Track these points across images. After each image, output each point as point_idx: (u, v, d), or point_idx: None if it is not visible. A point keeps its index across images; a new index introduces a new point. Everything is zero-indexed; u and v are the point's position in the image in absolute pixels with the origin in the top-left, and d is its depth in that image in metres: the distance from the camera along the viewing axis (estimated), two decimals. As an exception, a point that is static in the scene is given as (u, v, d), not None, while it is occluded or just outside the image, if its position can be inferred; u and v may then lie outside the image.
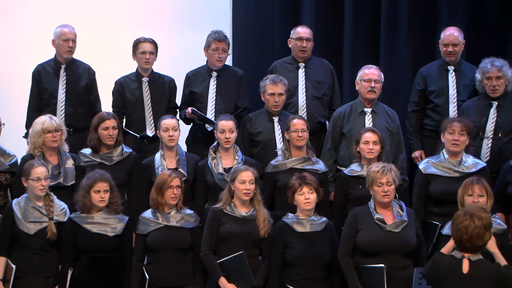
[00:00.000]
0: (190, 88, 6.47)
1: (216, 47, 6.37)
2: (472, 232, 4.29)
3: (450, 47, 6.38)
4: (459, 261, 4.32)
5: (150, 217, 5.32)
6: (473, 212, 4.34)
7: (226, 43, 6.41)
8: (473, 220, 4.30)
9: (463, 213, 4.36)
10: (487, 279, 4.30)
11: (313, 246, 5.18)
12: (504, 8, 7.16)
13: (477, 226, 4.29)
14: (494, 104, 6.08)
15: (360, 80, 6.08)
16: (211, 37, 6.38)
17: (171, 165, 5.75)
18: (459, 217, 4.35)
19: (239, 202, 5.32)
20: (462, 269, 4.31)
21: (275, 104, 6.11)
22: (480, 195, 5.11)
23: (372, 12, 7.25)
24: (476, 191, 5.11)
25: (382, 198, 5.15)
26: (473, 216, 4.32)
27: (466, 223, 4.30)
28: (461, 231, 4.31)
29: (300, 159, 5.75)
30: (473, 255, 4.33)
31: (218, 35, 6.37)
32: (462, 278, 4.29)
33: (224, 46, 6.38)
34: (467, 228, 4.29)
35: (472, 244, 4.31)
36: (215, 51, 6.37)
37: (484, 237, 4.31)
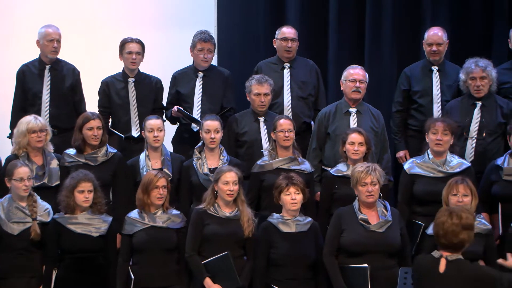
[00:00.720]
0: (176, 88, 6.46)
1: (202, 47, 6.37)
2: (447, 228, 4.28)
3: (434, 47, 6.40)
4: (437, 260, 4.32)
5: (136, 218, 5.31)
6: (454, 210, 4.34)
7: (212, 44, 6.41)
8: (451, 217, 4.30)
9: (445, 209, 4.38)
10: (463, 279, 4.28)
11: (298, 246, 5.18)
12: (488, 8, 7.20)
13: (453, 223, 4.28)
14: (478, 104, 6.11)
15: (345, 80, 6.10)
16: (197, 38, 6.38)
17: (156, 165, 5.75)
18: (440, 212, 4.37)
19: (222, 202, 5.32)
20: (439, 268, 4.30)
21: (260, 104, 6.12)
22: (465, 195, 5.13)
23: (356, 13, 7.27)
24: (461, 191, 5.13)
25: (367, 198, 5.16)
26: (453, 213, 4.32)
27: (443, 219, 4.30)
28: (438, 226, 4.32)
29: (286, 159, 5.76)
30: (451, 255, 4.32)
31: (204, 36, 6.37)
32: (438, 277, 4.29)
33: (209, 47, 6.39)
34: (444, 224, 4.29)
35: (447, 240, 4.29)
36: (201, 52, 6.38)
37: (459, 235, 4.29)
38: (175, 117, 6.34)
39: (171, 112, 6.30)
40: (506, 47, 6.61)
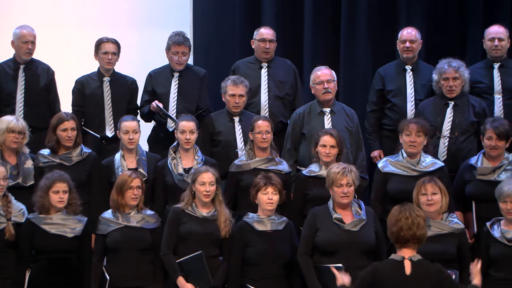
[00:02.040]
0: (152, 86, 6.45)
1: (176, 51, 6.35)
2: (412, 220, 4.28)
3: (407, 43, 6.44)
4: (400, 263, 4.31)
5: (110, 217, 5.31)
6: (410, 206, 4.37)
7: (186, 46, 6.38)
8: (411, 211, 4.31)
9: (400, 207, 4.37)
10: (429, 279, 4.30)
11: (274, 245, 5.19)
12: (462, 9, 7.24)
13: (417, 215, 4.30)
14: (450, 103, 6.15)
15: (313, 84, 6.12)
16: (171, 40, 6.35)
17: (131, 165, 5.74)
18: (396, 211, 4.35)
19: (200, 202, 5.32)
20: (405, 270, 4.29)
21: (235, 105, 6.13)
22: (434, 193, 5.16)
23: (331, 13, 7.29)
24: (429, 190, 5.16)
25: (342, 199, 5.17)
26: (410, 209, 4.34)
27: (406, 213, 4.30)
28: (400, 222, 4.29)
29: (264, 160, 5.77)
30: (414, 255, 4.33)
31: (178, 38, 6.34)
32: (405, 280, 4.28)
33: (183, 50, 6.36)
34: (408, 217, 4.29)
35: (411, 233, 4.27)
36: (175, 55, 6.36)
37: (423, 228, 4.31)
38: (149, 115, 6.33)
39: (147, 109, 6.30)
40: (480, 47, 6.65)
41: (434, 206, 5.14)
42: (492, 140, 5.60)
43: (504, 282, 5.09)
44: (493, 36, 6.39)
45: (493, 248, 5.15)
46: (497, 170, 5.61)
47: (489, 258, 5.16)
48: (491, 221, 5.24)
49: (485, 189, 5.53)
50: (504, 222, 5.18)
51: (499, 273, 5.13)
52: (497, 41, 6.38)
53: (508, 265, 5.09)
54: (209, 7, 7.44)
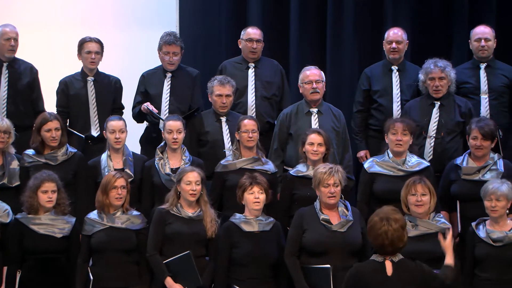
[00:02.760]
0: (145, 87, 6.44)
1: (167, 50, 6.35)
2: (392, 236, 4.30)
3: (393, 44, 6.46)
4: (382, 264, 4.33)
5: (96, 218, 5.29)
6: (388, 216, 4.35)
7: (177, 46, 6.37)
8: (390, 224, 4.32)
9: (379, 219, 4.36)
10: (411, 278, 4.32)
11: (261, 246, 5.18)
12: (448, 10, 7.27)
13: (395, 229, 4.31)
14: (436, 104, 6.16)
15: (302, 83, 6.13)
16: (162, 40, 6.36)
17: (117, 165, 5.73)
18: (376, 223, 4.36)
19: (185, 203, 5.31)
20: (386, 272, 4.32)
21: (222, 105, 6.12)
22: (423, 194, 5.17)
23: (318, 13, 7.30)
24: (419, 190, 5.17)
25: (328, 200, 5.18)
26: (389, 220, 4.33)
27: (385, 228, 4.31)
28: (381, 236, 4.31)
29: (250, 159, 5.77)
30: (394, 256, 4.35)
31: (169, 38, 6.34)
32: (387, 281, 4.30)
33: (175, 50, 6.35)
34: (387, 233, 4.30)
35: (393, 247, 4.33)
36: (166, 55, 6.36)
37: (403, 238, 4.34)
38: (141, 116, 6.33)
39: (138, 110, 6.29)
40: (466, 48, 6.69)
41: (423, 207, 5.16)
42: (477, 140, 5.62)
43: (490, 282, 5.11)
44: (480, 37, 6.43)
45: (479, 248, 5.16)
46: (482, 170, 5.63)
47: (475, 258, 5.18)
48: (477, 221, 5.26)
49: (470, 188, 5.55)
50: (489, 222, 5.21)
51: (484, 273, 5.14)
52: (483, 42, 6.41)
53: (493, 265, 5.11)
54: (195, 7, 7.43)
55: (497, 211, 5.14)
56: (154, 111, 6.18)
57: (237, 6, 7.39)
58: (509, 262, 5.10)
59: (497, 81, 6.40)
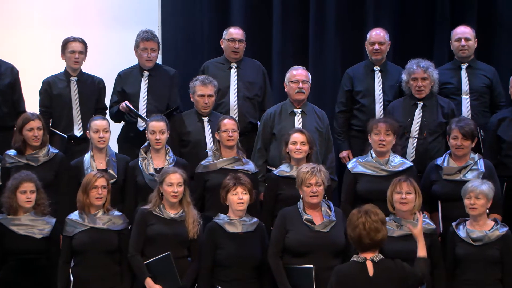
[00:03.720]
0: (122, 86, 6.42)
1: (145, 47, 6.34)
2: (370, 227, 4.34)
3: (376, 45, 6.48)
4: (363, 264, 4.35)
5: (77, 219, 5.27)
6: (367, 209, 4.41)
7: (155, 42, 6.37)
8: (369, 215, 4.37)
9: (357, 211, 4.42)
10: (392, 278, 4.35)
11: (244, 247, 5.18)
12: (429, 10, 7.30)
13: (374, 221, 4.35)
14: (419, 104, 6.18)
15: (288, 82, 6.14)
16: (139, 37, 6.35)
17: (100, 166, 5.71)
18: (354, 215, 4.41)
19: (168, 204, 5.30)
20: (368, 272, 4.34)
21: (204, 105, 6.12)
22: (408, 192, 5.19)
23: (300, 14, 7.31)
24: (404, 189, 5.19)
25: (311, 199, 5.19)
26: (368, 212, 4.38)
27: (363, 219, 4.35)
28: (358, 227, 4.35)
29: (230, 160, 5.76)
30: (375, 256, 4.37)
31: (146, 35, 6.34)
32: (369, 281, 4.32)
33: (152, 46, 6.35)
34: (364, 224, 4.34)
35: (371, 239, 4.34)
36: (144, 51, 6.35)
37: (381, 231, 4.36)
38: (119, 115, 6.30)
39: (116, 109, 6.27)
40: (447, 48, 6.73)
41: (407, 205, 5.17)
42: (457, 140, 5.65)
43: (470, 282, 5.14)
44: (460, 36, 6.46)
45: (459, 248, 5.19)
46: (463, 170, 5.66)
47: (455, 258, 5.20)
48: (457, 221, 5.28)
49: (451, 189, 5.57)
50: (469, 222, 5.23)
51: (464, 273, 5.17)
52: (463, 41, 6.45)
53: (474, 265, 5.13)
54: (177, 7, 7.41)
55: (476, 209, 5.17)
56: (134, 109, 6.17)
57: (219, 6, 7.38)
58: (489, 262, 5.13)
59: (478, 81, 6.44)
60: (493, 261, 5.13)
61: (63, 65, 6.38)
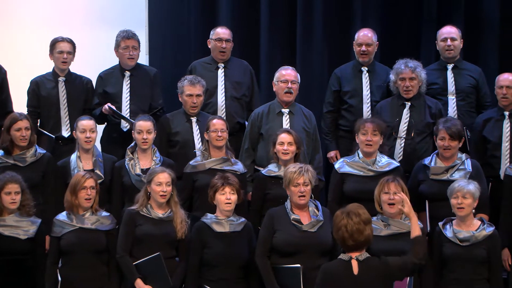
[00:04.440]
0: (103, 88, 6.41)
1: (126, 45, 6.34)
2: (351, 229, 4.35)
3: (363, 47, 6.49)
4: (348, 263, 4.37)
5: (65, 219, 5.26)
6: (350, 210, 4.41)
7: (135, 40, 6.37)
8: (351, 217, 4.37)
9: (340, 213, 4.43)
10: (377, 276, 4.36)
11: (232, 246, 5.19)
12: (416, 10, 7.31)
13: (355, 223, 4.36)
14: (407, 104, 6.19)
15: (277, 81, 6.14)
16: (120, 36, 6.36)
17: (87, 166, 5.70)
18: (337, 217, 4.42)
19: (155, 204, 5.30)
20: (353, 270, 4.36)
21: (193, 105, 6.11)
22: (396, 193, 5.20)
23: (287, 14, 7.31)
24: (392, 189, 5.20)
25: (299, 199, 5.20)
26: (350, 213, 4.38)
27: (345, 222, 4.37)
28: (341, 230, 4.37)
29: (219, 160, 5.76)
30: (360, 254, 4.39)
31: (127, 33, 6.34)
32: (354, 280, 4.34)
33: (134, 44, 6.36)
34: (346, 226, 4.36)
35: (354, 241, 4.36)
36: (125, 50, 6.35)
37: (364, 231, 4.37)
38: (103, 116, 6.28)
39: (99, 110, 6.25)
40: (434, 48, 6.74)
41: (395, 206, 5.18)
42: (445, 141, 5.66)
43: (457, 282, 5.15)
44: (446, 36, 6.47)
45: (446, 248, 5.20)
46: (450, 170, 5.67)
47: (442, 258, 5.22)
48: (444, 221, 5.30)
49: (438, 188, 5.58)
50: (456, 222, 5.25)
51: (451, 273, 5.19)
52: (449, 41, 6.46)
53: (461, 265, 5.15)
54: (164, 7, 7.39)
55: (463, 208, 5.18)
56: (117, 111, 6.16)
57: (206, 6, 7.37)
58: (476, 262, 5.15)
59: (464, 82, 6.46)
60: (480, 261, 5.15)
61: (51, 65, 6.37)
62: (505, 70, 6.38)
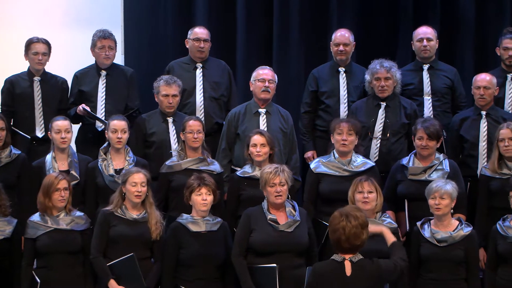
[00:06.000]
0: (78, 87, 6.38)
1: (102, 45, 6.32)
2: (349, 232, 4.34)
3: (341, 47, 6.49)
4: (341, 264, 4.37)
5: (39, 221, 5.23)
6: (348, 212, 4.40)
7: (112, 40, 6.36)
8: (349, 220, 4.36)
9: (339, 214, 4.41)
10: (369, 278, 4.37)
11: (208, 246, 5.18)
12: (392, 11, 7.33)
13: (353, 226, 4.35)
14: (382, 105, 6.21)
15: (254, 81, 6.14)
16: (96, 36, 6.34)
17: (62, 167, 5.67)
18: (336, 218, 4.40)
19: (130, 204, 5.27)
20: (345, 271, 4.36)
21: (169, 105, 6.09)
22: (370, 192, 5.22)
23: (264, 14, 7.31)
24: (366, 188, 5.22)
25: (275, 199, 5.20)
26: (349, 216, 4.37)
27: (343, 224, 4.36)
28: (338, 231, 4.35)
29: (195, 160, 5.75)
30: (353, 256, 4.40)
31: (103, 33, 6.33)
32: (346, 281, 4.34)
33: (110, 44, 6.34)
34: (344, 228, 4.35)
35: (350, 244, 4.36)
36: (102, 50, 6.33)
37: (361, 236, 4.37)
38: (78, 116, 6.25)
39: (74, 111, 6.22)
40: (410, 49, 6.75)
41: (369, 204, 5.20)
42: (423, 140, 5.67)
43: (434, 282, 5.16)
44: (422, 37, 6.50)
45: (423, 248, 5.21)
46: (428, 170, 5.68)
47: (419, 258, 5.22)
48: (422, 220, 5.31)
49: (416, 188, 5.58)
50: (433, 222, 5.26)
51: (429, 273, 5.19)
52: (425, 41, 6.48)
53: (438, 265, 5.15)
54: (140, 7, 7.36)
55: (441, 209, 5.19)
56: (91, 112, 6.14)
57: (183, 6, 7.35)
58: (453, 262, 5.15)
59: (440, 82, 6.48)
60: (457, 261, 5.16)
61: (27, 64, 6.34)
62: (480, 70, 6.43)
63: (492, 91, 6.12)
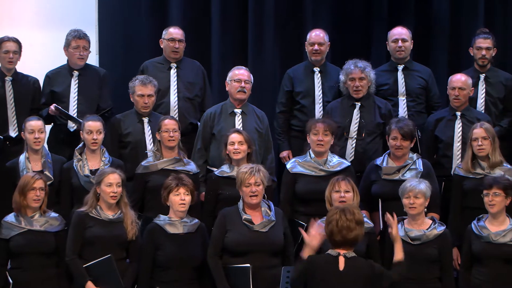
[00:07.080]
0: (50, 87, 6.34)
1: (77, 45, 6.29)
2: (342, 224, 4.41)
3: (316, 46, 6.51)
4: (335, 258, 4.43)
5: (13, 221, 5.20)
6: (345, 208, 4.49)
7: (87, 41, 6.33)
8: (345, 213, 4.44)
9: (335, 207, 4.52)
10: (361, 275, 4.44)
11: (185, 248, 5.16)
12: (367, 11, 7.36)
13: (348, 219, 4.42)
14: (357, 105, 6.23)
15: (230, 81, 6.13)
16: (71, 36, 6.30)
17: (36, 167, 5.64)
18: (331, 211, 4.51)
19: (105, 205, 5.24)
20: (339, 266, 4.42)
21: (144, 105, 6.07)
22: (347, 191, 5.24)
23: (239, 14, 7.30)
24: (343, 187, 5.24)
25: (250, 199, 5.20)
26: (345, 210, 4.46)
27: (337, 216, 4.43)
28: (331, 223, 4.43)
29: (171, 160, 5.73)
30: (348, 252, 4.45)
31: (78, 33, 6.30)
32: (338, 275, 4.41)
33: (84, 44, 6.31)
34: (338, 221, 4.42)
35: (342, 237, 4.42)
36: (76, 49, 6.29)
37: (354, 230, 4.43)
38: (50, 117, 6.21)
39: (46, 111, 6.18)
40: (384, 49, 6.79)
41: (346, 203, 5.16)
42: (397, 140, 5.70)
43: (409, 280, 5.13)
44: (397, 38, 6.54)
45: (398, 247, 5.25)
46: (401, 170, 5.71)
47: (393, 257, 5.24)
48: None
49: (390, 188, 5.61)
50: (407, 221, 5.29)
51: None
52: (400, 42, 6.52)
53: (412, 264, 5.11)
54: (114, 7, 7.31)
55: (415, 208, 5.22)
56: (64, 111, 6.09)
57: (157, 6, 7.32)
58: (427, 261, 5.19)
59: (414, 83, 6.53)
60: (431, 259, 5.19)
61: (-1, 64, 6.30)
62: (454, 71, 6.49)
63: (467, 92, 6.17)
